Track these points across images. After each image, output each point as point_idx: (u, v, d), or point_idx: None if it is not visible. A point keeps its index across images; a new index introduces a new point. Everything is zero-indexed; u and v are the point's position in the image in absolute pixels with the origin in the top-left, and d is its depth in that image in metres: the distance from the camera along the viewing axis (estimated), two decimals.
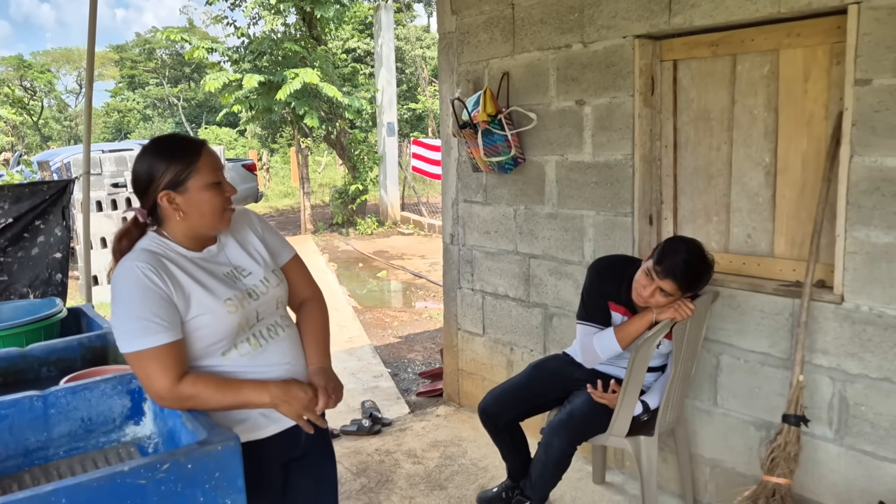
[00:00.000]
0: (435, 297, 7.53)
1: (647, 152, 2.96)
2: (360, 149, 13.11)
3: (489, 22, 3.53)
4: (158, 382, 1.51)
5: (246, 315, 1.63)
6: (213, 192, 1.62)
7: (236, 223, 1.77)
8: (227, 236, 1.74)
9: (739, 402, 2.72)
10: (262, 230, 1.82)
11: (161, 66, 34.23)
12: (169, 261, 1.60)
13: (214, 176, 1.62)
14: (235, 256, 1.72)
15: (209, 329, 1.58)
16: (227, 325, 1.59)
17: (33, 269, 3.64)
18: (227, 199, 1.65)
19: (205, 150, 1.64)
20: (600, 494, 3.06)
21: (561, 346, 3.28)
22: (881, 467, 2.35)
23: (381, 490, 3.14)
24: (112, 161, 8.02)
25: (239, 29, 12.42)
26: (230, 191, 1.66)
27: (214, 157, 1.65)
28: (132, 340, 1.51)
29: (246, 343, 1.64)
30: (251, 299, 1.65)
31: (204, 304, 1.58)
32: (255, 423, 1.65)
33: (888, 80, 2.18)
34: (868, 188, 2.27)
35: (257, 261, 1.74)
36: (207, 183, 1.61)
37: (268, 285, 1.71)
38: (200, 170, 1.61)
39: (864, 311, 2.33)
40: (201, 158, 1.62)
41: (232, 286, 1.64)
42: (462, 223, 3.87)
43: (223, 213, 1.65)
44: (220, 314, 1.58)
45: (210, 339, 1.59)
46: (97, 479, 1.28)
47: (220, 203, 1.63)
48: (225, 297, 1.60)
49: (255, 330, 1.67)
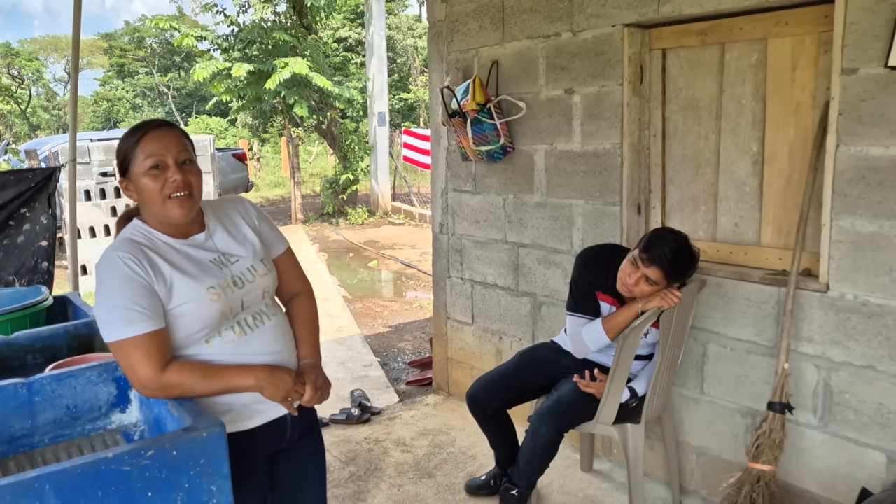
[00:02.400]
0: (425, 287, 7.53)
1: (636, 141, 2.97)
2: (351, 139, 13.06)
3: (479, 10, 3.52)
4: (142, 371, 1.50)
5: (229, 303, 1.61)
6: (149, 177, 1.56)
7: (228, 210, 1.76)
8: (216, 223, 1.72)
9: (725, 389, 2.74)
10: (258, 220, 1.79)
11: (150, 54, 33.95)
12: (151, 249, 1.58)
13: (151, 160, 1.55)
14: (224, 243, 1.70)
15: (191, 317, 1.57)
16: (210, 313, 1.58)
17: (19, 256, 3.62)
18: (171, 184, 1.56)
19: (147, 134, 1.57)
20: (588, 482, 3.08)
21: (549, 334, 3.29)
22: (864, 454, 2.38)
23: (369, 478, 3.15)
24: (100, 150, 7.97)
25: (229, 17, 12.33)
26: (175, 176, 1.56)
27: (158, 140, 1.57)
28: (115, 330, 1.50)
29: (230, 331, 1.63)
30: (236, 287, 1.64)
31: (186, 293, 1.56)
32: (239, 415, 1.64)
33: (874, 70, 2.19)
34: (854, 177, 2.28)
35: (246, 249, 1.72)
36: (144, 169, 1.56)
37: (255, 274, 1.69)
38: (137, 155, 1.57)
39: (849, 300, 2.35)
40: (140, 142, 1.57)
41: (216, 274, 1.63)
42: (451, 212, 3.87)
43: (165, 200, 1.57)
44: (202, 302, 1.57)
45: (192, 326, 1.58)
46: (81, 465, 1.27)
47: (157, 189, 1.56)
48: (208, 285, 1.59)
49: (239, 318, 1.65)
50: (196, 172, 1.63)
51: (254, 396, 1.64)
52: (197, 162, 1.66)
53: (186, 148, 1.62)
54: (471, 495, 2.98)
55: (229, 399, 1.63)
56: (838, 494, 2.45)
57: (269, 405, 1.67)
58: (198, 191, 1.63)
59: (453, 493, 3.01)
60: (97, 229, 7.95)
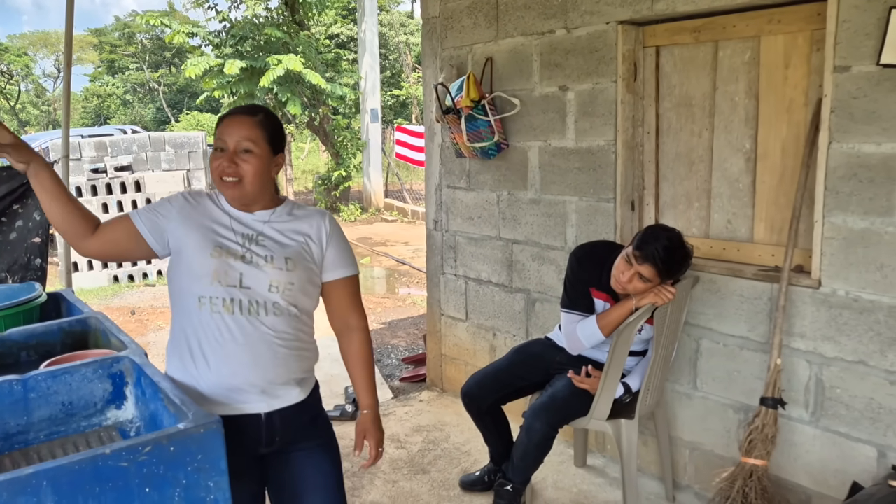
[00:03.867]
0: (418, 284, 7.54)
1: (630, 138, 2.98)
2: (344, 135, 13.04)
3: (473, 7, 3.52)
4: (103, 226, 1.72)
5: (225, 268, 1.66)
6: (214, 157, 1.71)
7: (306, 217, 1.79)
8: (286, 214, 1.78)
9: (718, 385, 2.76)
10: (328, 239, 1.79)
11: (141, 50, 33.74)
12: (209, 202, 1.76)
13: (219, 142, 1.70)
14: (273, 231, 1.75)
15: (189, 262, 1.67)
16: (204, 266, 1.66)
17: (11, 253, 3.60)
18: (219, 168, 1.69)
19: (226, 118, 1.72)
20: (581, 477, 3.09)
21: (543, 330, 3.30)
22: (855, 448, 2.40)
23: (364, 474, 3.15)
24: (91, 146, 7.91)
25: (220, 13, 12.27)
26: (224, 162, 1.68)
27: (229, 125, 1.70)
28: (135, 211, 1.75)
29: (220, 301, 1.66)
30: (241, 260, 1.67)
31: (197, 241, 1.68)
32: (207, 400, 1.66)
33: (866, 67, 2.21)
34: (846, 174, 2.30)
35: (284, 246, 1.73)
36: (215, 147, 1.71)
37: (268, 262, 1.68)
38: (216, 134, 1.72)
39: (841, 296, 2.36)
40: (221, 123, 1.72)
41: (233, 242, 1.70)
42: (445, 209, 3.87)
43: (218, 180, 1.70)
44: (204, 253, 1.67)
45: (189, 275, 1.68)
46: (78, 461, 1.27)
47: (214, 168, 1.70)
48: (217, 243, 1.69)
49: (235, 294, 1.65)
50: (251, 161, 1.69)
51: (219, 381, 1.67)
52: (261, 151, 1.70)
53: (250, 137, 1.68)
54: (465, 491, 2.99)
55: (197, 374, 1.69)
56: (830, 488, 2.47)
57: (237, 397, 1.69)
58: (251, 178, 1.69)
59: (448, 488, 3.02)
60: None
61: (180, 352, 1.71)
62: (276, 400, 1.72)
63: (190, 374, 1.69)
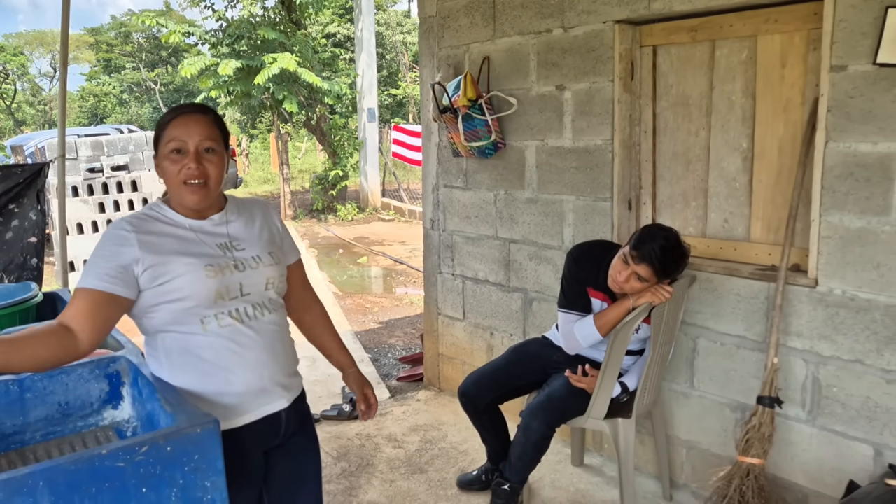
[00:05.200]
0: (415, 283, 7.54)
1: (627, 137, 2.98)
2: (341, 134, 13.03)
3: (470, 6, 3.52)
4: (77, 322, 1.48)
5: (226, 283, 1.61)
6: (169, 160, 1.59)
7: (252, 208, 1.79)
8: (235, 213, 1.74)
9: (715, 384, 2.76)
10: (281, 228, 1.86)
11: (137, 49, 33.67)
12: (159, 222, 1.62)
13: (174, 143, 1.59)
14: (235, 230, 1.72)
15: (186, 290, 1.57)
16: (204, 289, 1.58)
17: (8, 253, 3.59)
18: (185, 171, 1.59)
19: (176, 118, 1.61)
20: (579, 476, 3.09)
21: (541, 330, 3.30)
22: (852, 447, 2.40)
23: (361, 474, 3.15)
24: (88, 145, 7.90)
25: (217, 12, 12.25)
26: (190, 164, 1.58)
27: (183, 126, 1.60)
28: (84, 278, 1.53)
29: (227, 315, 1.61)
30: (235, 270, 1.64)
31: (182, 266, 1.57)
32: (231, 410, 1.63)
33: (863, 67, 2.21)
34: (842, 173, 2.30)
35: (256, 241, 1.74)
36: (167, 151, 1.59)
37: (259, 262, 1.69)
38: (165, 136, 1.60)
39: (838, 295, 2.37)
40: (168, 125, 1.61)
41: (217, 254, 1.64)
42: (442, 208, 3.87)
43: (180, 185, 1.60)
44: (198, 276, 1.58)
45: (187, 302, 1.57)
46: (75, 461, 1.27)
47: (174, 173, 1.59)
48: (206, 262, 1.61)
49: (238, 305, 1.64)
50: (216, 162, 1.63)
51: (247, 389, 1.63)
52: (221, 150, 1.66)
53: (211, 136, 1.62)
54: (462, 490, 2.99)
55: (225, 389, 1.62)
56: (826, 487, 2.48)
57: (263, 400, 1.67)
58: (214, 180, 1.63)
59: (445, 488, 3.02)
60: (85, 225, 7.89)
61: (191, 374, 1.62)
62: (291, 392, 1.76)
63: (210, 392, 1.62)
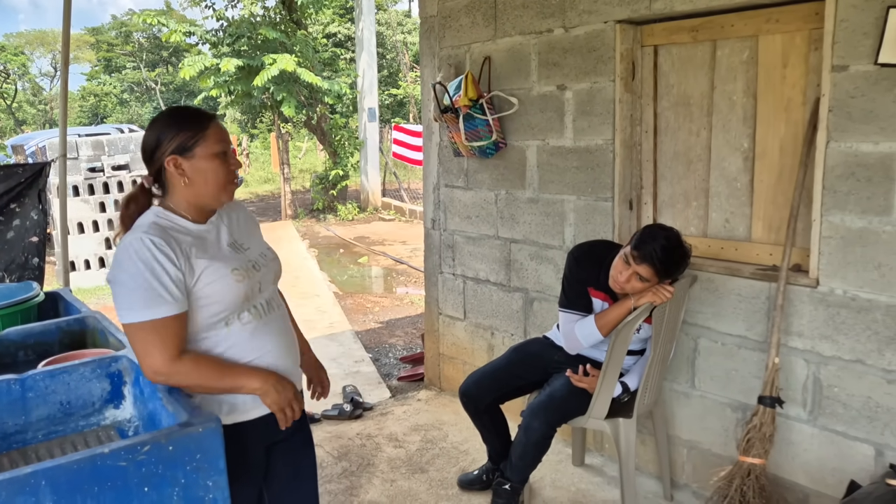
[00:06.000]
0: (416, 283, 7.54)
1: (628, 137, 2.98)
2: (341, 134, 13.03)
3: (471, 6, 3.52)
4: (158, 355, 1.51)
5: (251, 285, 1.67)
6: (218, 161, 1.65)
7: (233, 207, 1.82)
8: (223, 215, 1.76)
9: (716, 384, 2.76)
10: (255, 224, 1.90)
11: (138, 49, 33.68)
12: (178, 232, 1.62)
13: (221, 146, 1.66)
14: (234, 231, 1.76)
15: (217, 297, 1.60)
16: (235, 294, 1.62)
17: (9, 252, 3.59)
18: (231, 171, 1.69)
19: (214, 121, 1.69)
20: (579, 476, 3.09)
21: (541, 329, 3.30)
22: (853, 447, 2.40)
23: (362, 473, 3.15)
24: (88, 145, 7.90)
25: (217, 12, 12.25)
26: (235, 164, 1.70)
27: (223, 129, 1.69)
28: (136, 311, 1.50)
29: (247, 313, 1.67)
30: (255, 270, 1.70)
31: (213, 273, 1.60)
32: (243, 403, 1.65)
33: (864, 67, 2.21)
34: (843, 173, 2.30)
35: (251, 239, 1.81)
36: (214, 152, 1.64)
37: (266, 259, 1.78)
38: (209, 138, 1.64)
39: (839, 295, 2.37)
40: (210, 127, 1.65)
41: (237, 257, 1.69)
42: (443, 208, 3.87)
43: (227, 184, 1.68)
44: (228, 282, 1.61)
45: (215, 307, 1.60)
46: (77, 461, 1.27)
47: (225, 173, 1.67)
48: (232, 266, 1.64)
49: (256, 301, 1.70)
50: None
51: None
52: None
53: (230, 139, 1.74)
54: (463, 490, 2.99)
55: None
56: (827, 487, 2.48)
57: None
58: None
59: (446, 487, 3.02)
60: (85, 225, 7.90)
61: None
62: (297, 383, 1.79)
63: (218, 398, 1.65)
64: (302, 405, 1.73)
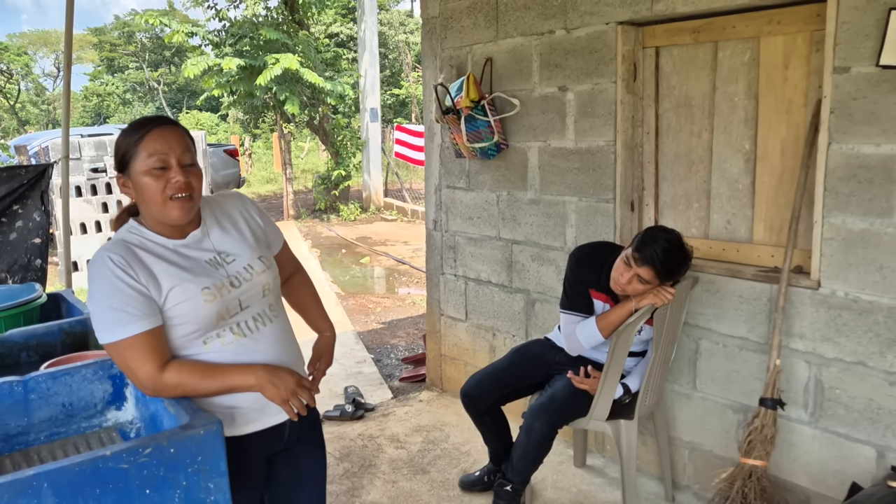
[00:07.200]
0: (418, 284, 7.54)
1: (629, 139, 2.98)
2: (343, 134, 13.03)
3: (473, 7, 3.52)
4: (140, 372, 1.49)
5: (226, 304, 1.58)
6: (150, 177, 1.52)
7: (227, 208, 1.73)
8: (213, 220, 1.68)
9: (718, 385, 2.76)
10: (259, 217, 1.78)
11: (141, 49, 33.73)
12: (144, 250, 1.55)
13: (153, 160, 1.52)
14: (220, 242, 1.66)
15: (186, 317, 1.54)
16: (205, 314, 1.55)
17: (11, 254, 3.60)
18: (173, 185, 1.53)
19: (150, 132, 1.53)
20: (581, 477, 3.09)
21: (543, 331, 3.30)
22: (854, 449, 2.40)
23: (363, 474, 3.16)
24: (91, 145, 7.91)
25: (219, 12, 12.26)
26: (177, 177, 1.53)
27: (162, 139, 1.53)
28: (108, 331, 1.49)
29: (228, 333, 1.59)
30: (232, 287, 1.60)
31: (180, 294, 1.53)
32: (241, 418, 1.62)
33: (866, 68, 2.21)
34: (845, 175, 2.30)
35: (243, 247, 1.69)
36: (146, 168, 1.52)
37: (252, 272, 1.65)
38: (139, 153, 1.52)
39: (840, 297, 2.37)
40: (143, 140, 1.52)
41: (211, 274, 1.59)
42: (445, 209, 3.88)
43: (166, 201, 1.53)
44: (196, 302, 1.54)
45: (187, 327, 1.55)
46: (79, 463, 1.27)
47: (159, 190, 1.52)
48: (202, 285, 1.56)
49: (238, 319, 1.61)
50: (198, 174, 1.59)
51: (256, 398, 1.61)
52: (198, 163, 1.63)
53: (189, 149, 1.58)
54: (465, 491, 2.99)
55: (234, 401, 1.60)
56: (829, 489, 2.48)
57: (271, 410, 1.64)
58: (198, 193, 1.59)
59: (447, 489, 3.03)
60: (88, 226, 7.91)
61: None
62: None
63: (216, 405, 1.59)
64: (310, 394, 1.64)
